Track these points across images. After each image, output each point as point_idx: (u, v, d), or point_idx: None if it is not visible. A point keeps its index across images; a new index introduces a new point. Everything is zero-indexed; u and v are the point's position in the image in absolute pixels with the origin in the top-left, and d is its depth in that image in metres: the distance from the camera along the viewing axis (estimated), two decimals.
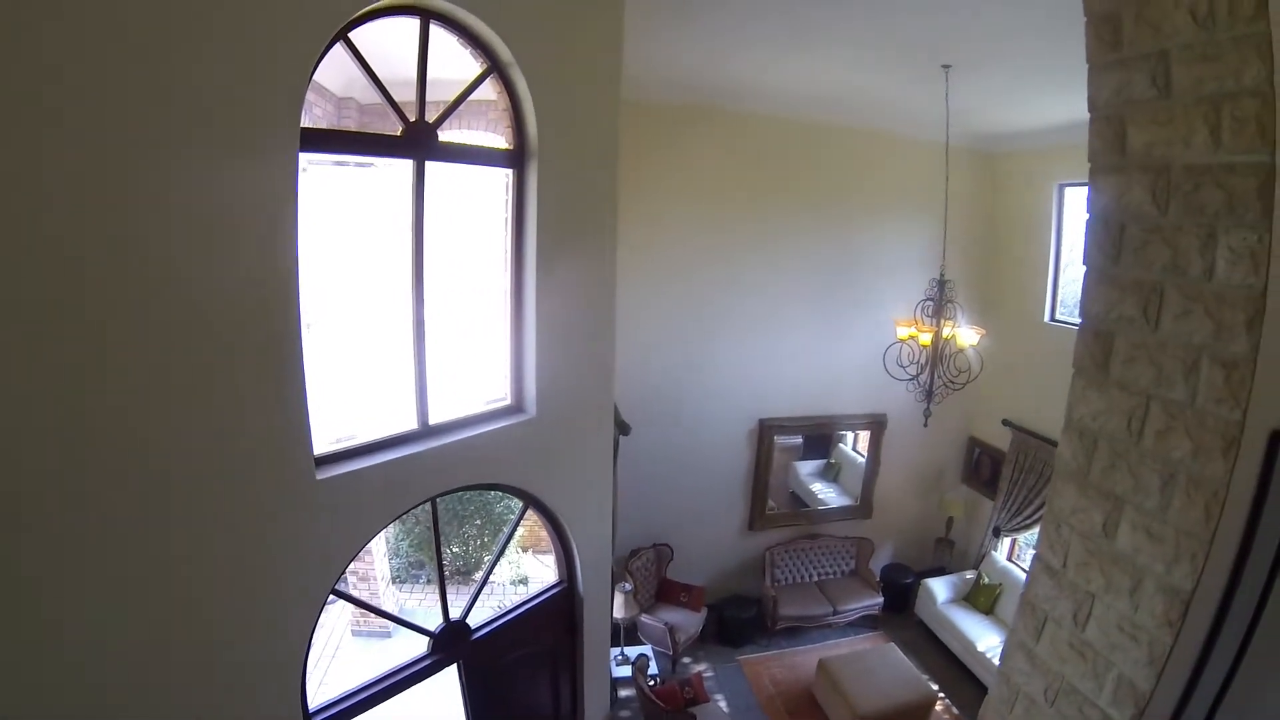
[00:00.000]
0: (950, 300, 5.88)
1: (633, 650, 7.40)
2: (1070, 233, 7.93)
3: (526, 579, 8.84)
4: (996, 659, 4.87)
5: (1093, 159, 1.60)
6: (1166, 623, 1.44)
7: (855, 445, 9.38)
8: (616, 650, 7.15)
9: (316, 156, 3.34)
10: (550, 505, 4.54)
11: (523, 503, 4.58)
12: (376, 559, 8.06)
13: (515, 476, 4.29)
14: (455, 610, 4.22)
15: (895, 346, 6.10)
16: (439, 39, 3.51)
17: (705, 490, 8.43)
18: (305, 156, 2.89)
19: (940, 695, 7.32)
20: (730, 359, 8.08)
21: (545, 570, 8.27)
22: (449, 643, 4.17)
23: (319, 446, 3.22)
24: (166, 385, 2.59)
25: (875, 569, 9.01)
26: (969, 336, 5.95)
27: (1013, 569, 8.18)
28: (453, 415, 3.97)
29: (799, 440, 9.08)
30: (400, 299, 3.71)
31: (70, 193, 2.25)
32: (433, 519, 4.10)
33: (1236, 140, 1.28)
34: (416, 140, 3.52)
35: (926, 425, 6.25)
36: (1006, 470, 8.40)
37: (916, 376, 6.04)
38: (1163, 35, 1.38)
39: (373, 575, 8.06)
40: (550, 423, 4.31)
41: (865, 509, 9.20)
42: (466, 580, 8.77)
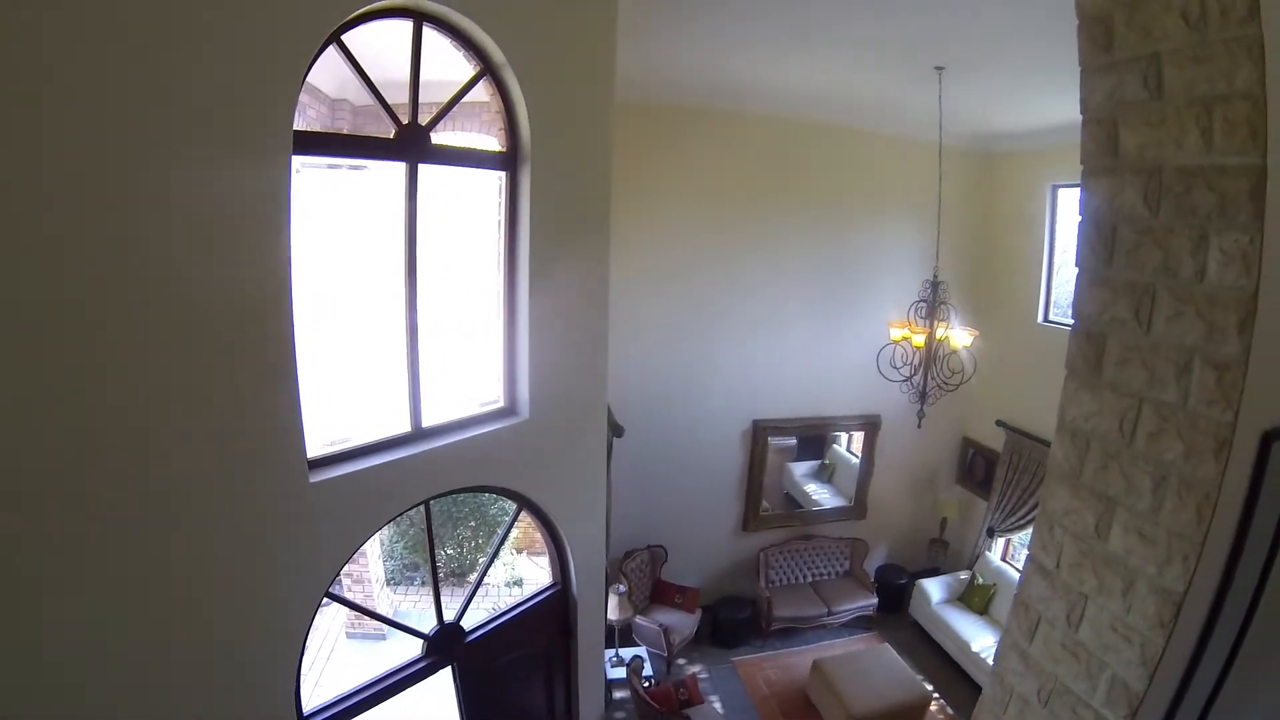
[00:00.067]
0: (943, 301, 5.88)
1: (627, 652, 7.38)
2: (1064, 234, 7.93)
3: (521, 581, 8.81)
4: (991, 659, 4.88)
5: (1085, 161, 1.60)
6: (1159, 624, 1.44)
7: (849, 446, 9.37)
8: (611, 652, 7.14)
9: (309, 159, 3.33)
10: (544, 507, 4.53)
11: (516, 505, 4.58)
12: (371, 561, 8.04)
13: (508, 479, 4.28)
14: (450, 613, 4.21)
15: (889, 348, 6.10)
16: (432, 41, 3.50)
17: (700, 491, 8.42)
18: (298, 159, 2.88)
19: (935, 696, 7.33)
20: (725, 360, 8.08)
21: (540, 572, 8.26)
22: (443, 645, 4.16)
23: (312, 449, 3.21)
24: (158, 387, 2.58)
25: (870, 570, 9.02)
26: (962, 338, 5.96)
27: (1007, 569, 8.19)
28: (446, 418, 3.97)
29: (793, 441, 9.08)
30: (393, 302, 3.70)
31: (60, 194, 2.23)
32: (426, 521, 4.10)
33: (1228, 142, 1.28)
34: (409, 143, 3.51)
35: (920, 426, 6.25)
36: (1000, 471, 8.41)
37: (910, 378, 6.04)
38: (1154, 38, 1.38)
39: (367, 577, 8.04)
40: (543, 425, 4.31)
41: (859, 510, 9.20)
42: (461, 582, 8.75)
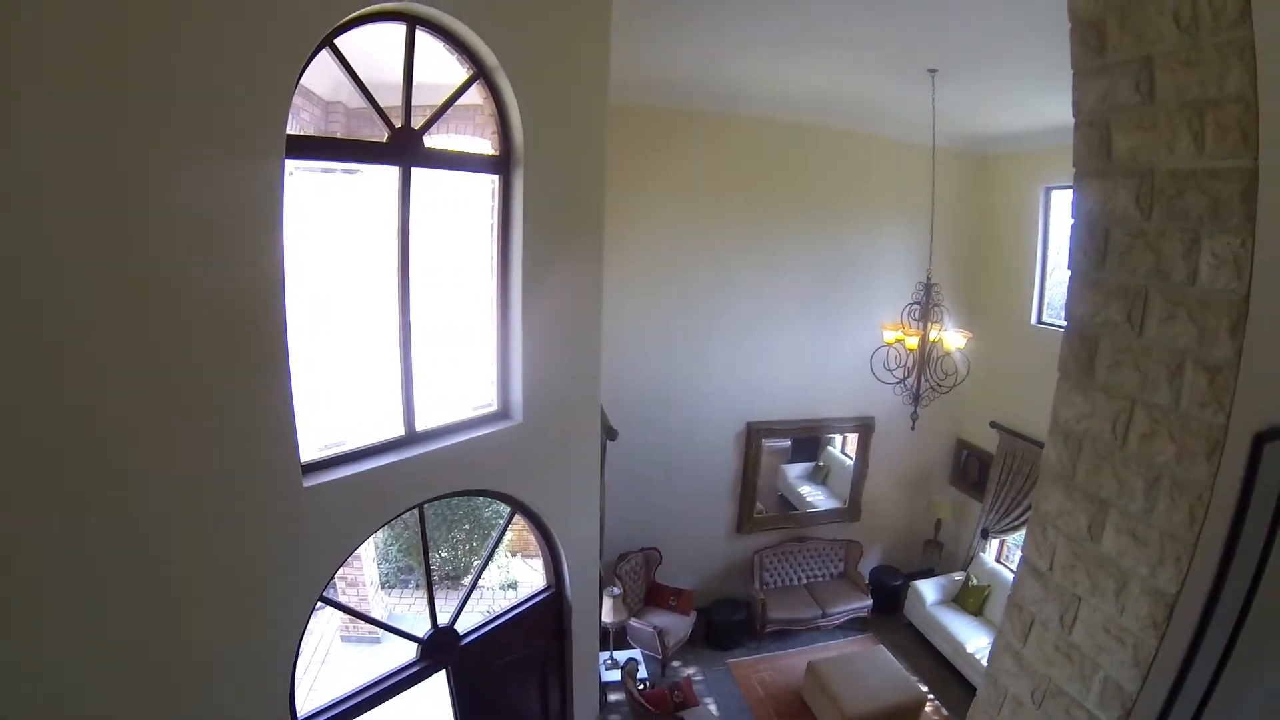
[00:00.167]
0: (937, 303, 5.90)
1: (622, 654, 7.38)
2: (1057, 235, 7.96)
3: (515, 583, 8.81)
4: (985, 660, 4.89)
5: (1077, 164, 1.61)
6: (1152, 625, 1.44)
7: (844, 448, 9.39)
8: (605, 654, 7.14)
9: (302, 163, 3.32)
10: (537, 511, 4.52)
11: (510, 508, 4.57)
12: (365, 564, 8.02)
13: (502, 482, 4.27)
14: (444, 616, 4.20)
15: (882, 350, 6.11)
16: (425, 44, 3.49)
17: (694, 494, 8.42)
18: (291, 162, 2.87)
19: (929, 697, 7.35)
20: (719, 362, 8.09)
21: (534, 575, 8.25)
22: (437, 649, 4.15)
23: (306, 453, 3.20)
24: (150, 390, 2.56)
25: (864, 571, 9.04)
26: (955, 339, 5.98)
27: (1001, 570, 8.22)
28: (440, 421, 3.96)
29: (787, 443, 9.08)
30: (387, 305, 3.69)
31: (53, 195, 2.22)
32: (420, 525, 4.08)
33: (1220, 145, 1.29)
34: (402, 147, 3.50)
35: (914, 428, 6.27)
36: (994, 472, 8.43)
37: (903, 380, 6.06)
38: (1146, 41, 1.39)
39: (362, 580, 8.01)
40: (537, 428, 4.30)
41: (854, 511, 9.22)
42: (456, 585, 8.73)
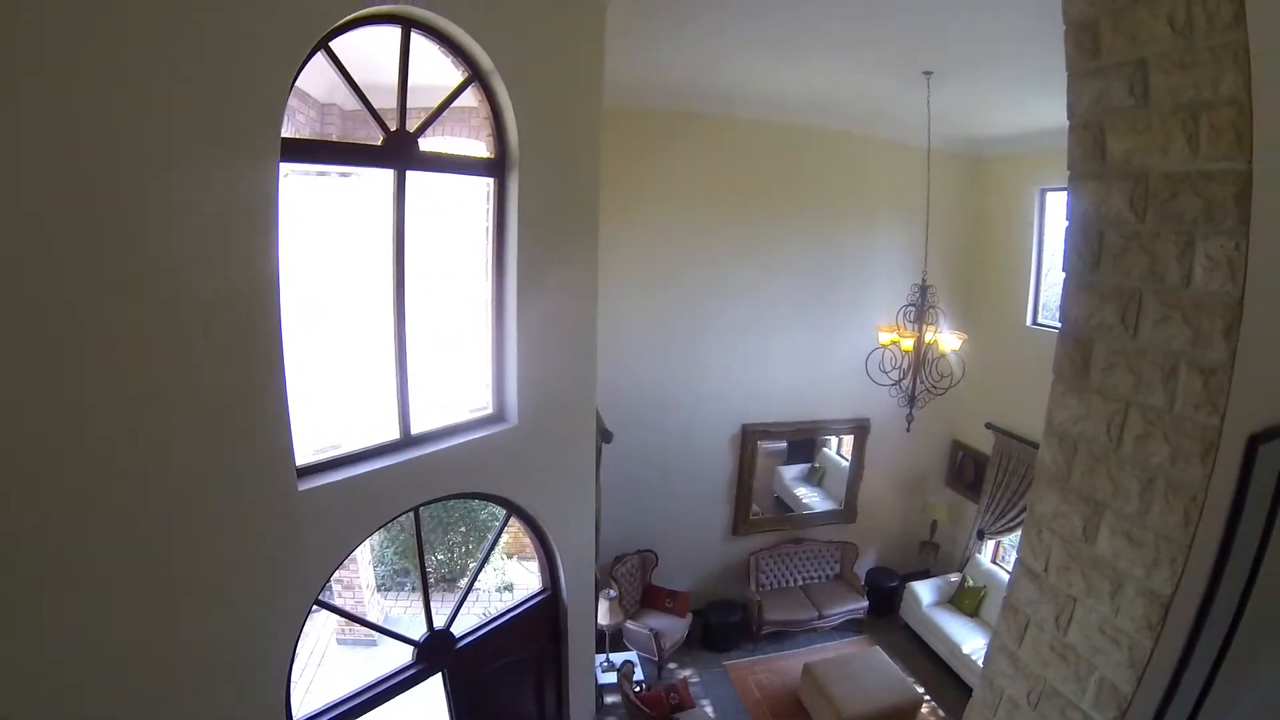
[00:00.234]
0: (932, 305, 5.90)
1: (618, 656, 7.38)
2: (1052, 237, 7.97)
3: (511, 586, 8.79)
4: (981, 662, 4.89)
5: (1072, 166, 1.61)
6: (1147, 626, 1.44)
7: (839, 450, 9.39)
8: (602, 657, 7.13)
9: (297, 166, 3.32)
10: (533, 513, 4.51)
11: (506, 511, 4.56)
12: (361, 567, 8.00)
13: (497, 485, 4.27)
14: (440, 618, 4.19)
15: (877, 352, 6.11)
16: (420, 47, 3.49)
17: (689, 496, 8.41)
18: (286, 165, 2.87)
19: (925, 698, 7.34)
20: (714, 363, 8.09)
21: (531, 577, 8.24)
22: (433, 652, 4.14)
23: (301, 457, 3.19)
24: (146, 392, 2.55)
25: (860, 573, 9.04)
26: (950, 341, 5.98)
27: (997, 571, 8.22)
28: (435, 425, 3.95)
29: (783, 445, 9.07)
30: (382, 308, 3.68)
31: (50, 197, 2.21)
32: (416, 528, 4.07)
33: (1214, 148, 1.29)
34: (397, 150, 3.49)
35: (909, 430, 6.27)
36: (990, 473, 8.44)
37: (899, 382, 6.06)
38: (1141, 43, 1.39)
39: (357, 583, 7.99)
40: (532, 431, 4.29)
41: (849, 513, 9.22)
42: (452, 587, 8.71)
